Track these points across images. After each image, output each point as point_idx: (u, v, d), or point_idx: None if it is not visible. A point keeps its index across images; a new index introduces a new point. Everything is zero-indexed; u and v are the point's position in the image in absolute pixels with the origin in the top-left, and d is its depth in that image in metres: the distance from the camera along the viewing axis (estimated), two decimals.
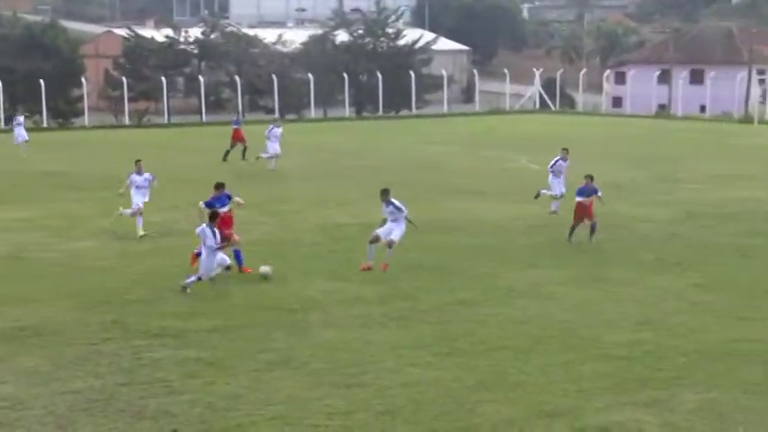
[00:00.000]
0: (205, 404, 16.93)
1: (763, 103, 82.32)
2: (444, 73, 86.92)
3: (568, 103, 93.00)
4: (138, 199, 32.00)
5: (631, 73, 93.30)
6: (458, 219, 34.78)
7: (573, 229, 30.64)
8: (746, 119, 78.03)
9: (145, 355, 19.65)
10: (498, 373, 18.59)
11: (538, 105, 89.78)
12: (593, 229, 30.36)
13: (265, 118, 79.41)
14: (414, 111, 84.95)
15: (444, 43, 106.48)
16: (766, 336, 21.04)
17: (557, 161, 36.11)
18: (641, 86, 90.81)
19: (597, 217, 30.40)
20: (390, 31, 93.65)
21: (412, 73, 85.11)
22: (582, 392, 17.56)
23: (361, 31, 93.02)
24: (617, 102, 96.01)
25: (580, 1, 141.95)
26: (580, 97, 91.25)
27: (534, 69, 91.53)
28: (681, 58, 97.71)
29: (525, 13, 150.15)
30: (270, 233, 32.36)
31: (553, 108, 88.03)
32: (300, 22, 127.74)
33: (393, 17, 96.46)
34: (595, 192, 30.50)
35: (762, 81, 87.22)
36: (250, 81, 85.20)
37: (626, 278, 26.34)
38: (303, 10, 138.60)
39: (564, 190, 35.31)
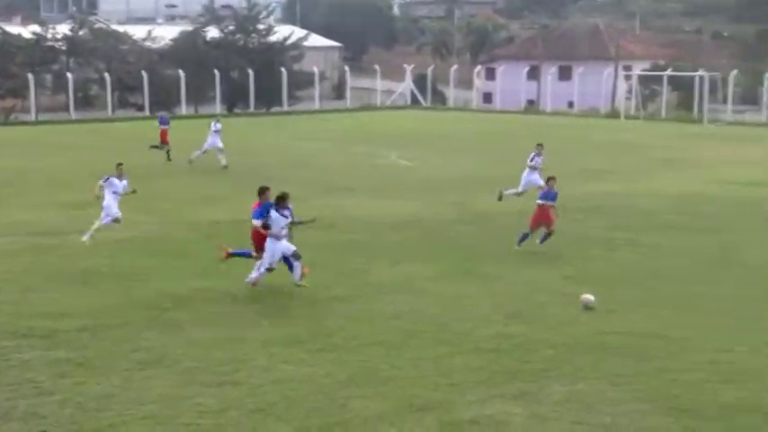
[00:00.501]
0: (75, 405, 16.68)
1: (629, 98, 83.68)
2: (316, 69, 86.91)
3: (439, 99, 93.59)
4: (115, 206, 30.03)
5: (501, 69, 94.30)
6: (330, 215, 34.74)
7: (526, 236, 29.25)
8: (613, 114, 79.31)
9: (13, 356, 19.30)
10: (370, 368, 18.64)
11: (409, 101, 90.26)
12: (548, 236, 29.10)
13: (137, 115, 78.87)
14: (285, 107, 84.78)
15: (316, 40, 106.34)
16: (633, 328, 21.40)
17: (533, 157, 36.12)
18: (511, 82, 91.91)
19: (555, 224, 29.18)
20: (261, 27, 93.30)
21: (283, 69, 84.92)
22: (453, 386, 17.68)
23: (231, 28, 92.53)
24: (487, 97, 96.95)
25: None
26: (451, 93, 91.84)
27: (405, 66, 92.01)
28: (549, 55, 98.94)
29: (396, 10, 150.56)
30: (145, 231, 32.02)
31: (424, 104, 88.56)
32: (171, 19, 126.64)
33: (264, 13, 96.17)
34: (554, 198, 29.14)
35: (628, 77, 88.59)
36: (119, 78, 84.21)
37: (497, 272, 26.60)
38: (173, 6, 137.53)
39: (527, 188, 35.27)
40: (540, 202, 29.18)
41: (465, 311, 22.67)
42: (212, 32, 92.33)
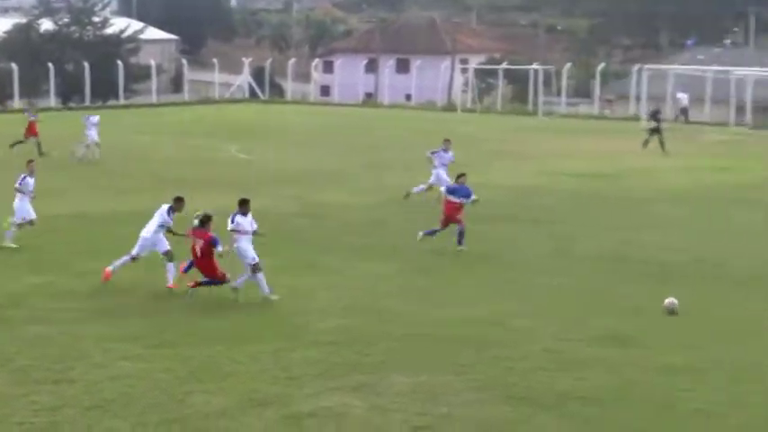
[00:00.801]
0: None
1: (465, 91, 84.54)
2: (153, 62, 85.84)
3: (278, 92, 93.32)
4: (28, 207, 29.06)
5: (339, 62, 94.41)
6: None
7: (435, 231, 28.78)
8: (450, 107, 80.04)
9: None
10: (209, 363, 18.50)
11: (247, 94, 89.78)
12: (461, 235, 28.16)
13: None
14: (122, 101, 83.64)
15: (152, 33, 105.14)
16: (475, 318, 21.65)
17: (437, 152, 36.05)
18: (349, 75, 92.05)
19: (463, 223, 28.38)
20: (97, 20, 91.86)
21: (120, 62, 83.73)
22: (292, 379, 17.66)
23: (66, 20, 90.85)
24: (325, 90, 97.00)
25: None
26: (289, 86, 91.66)
27: (243, 59, 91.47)
28: (387, 48, 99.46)
29: (234, 2, 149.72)
30: None
31: (262, 97, 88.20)
32: (4, 11, 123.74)
33: (99, 5, 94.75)
34: (469, 195, 28.34)
35: (464, 70, 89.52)
36: None
37: (336, 265, 26.66)
38: None
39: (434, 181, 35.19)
40: (449, 197, 28.77)
41: (304, 304, 22.69)
42: (46, 25, 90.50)
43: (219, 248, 23.09)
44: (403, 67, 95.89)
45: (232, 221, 23.78)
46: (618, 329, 20.97)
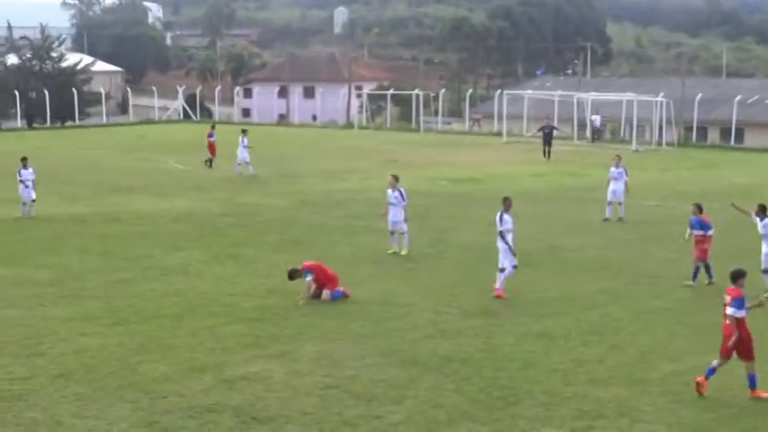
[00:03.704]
0: None
1: (360, 112, 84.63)
2: (102, 90, 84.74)
3: (207, 114, 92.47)
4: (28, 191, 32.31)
5: (256, 89, 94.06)
6: (119, 211, 34.08)
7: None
8: (348, 125, 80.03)
9: None
10: (156, 337, 18.36)
11: (182, 116, 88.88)
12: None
13: None
14: (77, 122, 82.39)
15: (101, 65, 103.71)
16: (369, 297, 21.72)
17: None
18: (265, 100, 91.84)
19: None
20: (54, 54, 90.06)
21: (75, 90, 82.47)
22: (225, 350, 17.59)
23: (29, 55, 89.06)
24: (246, 112, 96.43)
25: (213, 30, 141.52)
26: (216, 109, 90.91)
27: (178, 87, 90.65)
28: (296, 77, 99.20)
29: (168, 40, 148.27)
30: None
31: (194, 118, 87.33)
32: None
33: (56, 43, 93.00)
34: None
35: (359, 95, 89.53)
36: None
37: (256, 256, 26.56)
38: None
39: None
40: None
41: (232, 288, 22.57)
42: (12, 59, 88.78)
43: None
44: (309, 93, 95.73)
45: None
46: (486, 304, 21.18)
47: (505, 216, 22.15)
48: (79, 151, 57.05)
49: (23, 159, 33.01)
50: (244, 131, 46.24)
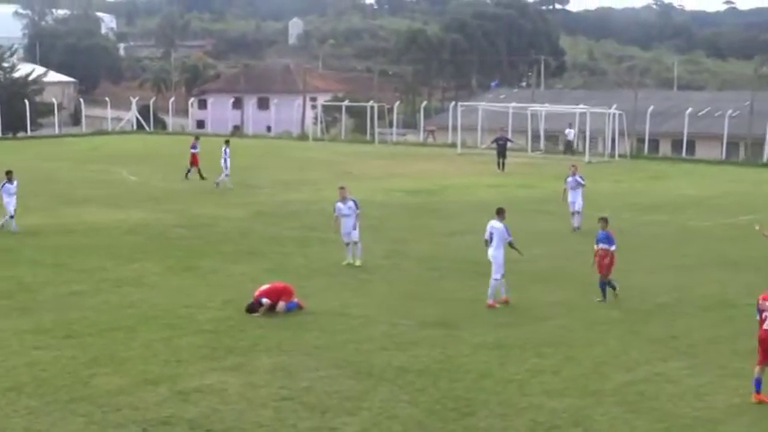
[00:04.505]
0: None
1: (315, 124, 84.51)
2: (55, 101, 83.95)
3: (161, 125, 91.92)
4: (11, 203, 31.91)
5: (211, 100, 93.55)
6: (73, 223, 33.76)
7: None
8: (303, 137, 79.88)
9: None
10: (109, 350, 18.21)
11: (135, 127, 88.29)
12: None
13: None
14: (29, 133, 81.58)
15: (54, 76, 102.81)
16: (323, 308, 21.67)
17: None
18: (219, 111, 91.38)
19: None
20: (6, 65, 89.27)
21: (27, 101, 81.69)
22: (180, 362, 17.49)
23: None
24: (200, 123, 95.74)
25: (167, 41, 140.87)
26: (170, 120, 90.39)
27: (131, 98, 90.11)
28: (250, 88, 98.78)
29: (122, 51, 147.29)
30: None
31: (148, 129, 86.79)
32: None
33: (8, 53, 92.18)
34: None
35: (314, 107, 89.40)
36: None
37: (212, 267, 26.44)
38: None
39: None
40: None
41: (187, 300, 22.43)
42: None
43: None
44: (264, 104, 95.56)
45: None
46: (441, 315, 21.22)
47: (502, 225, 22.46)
48: (32, 162, 56.38)
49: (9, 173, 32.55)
50: (227, 142, 46.04)
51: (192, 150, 47.84)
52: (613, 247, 22.66)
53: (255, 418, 14.73)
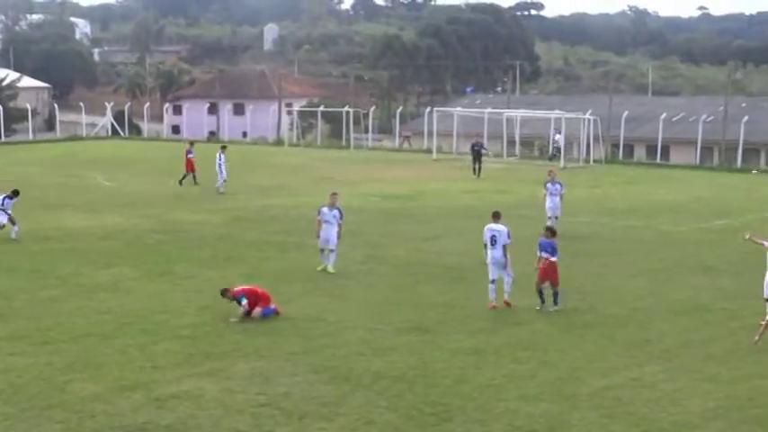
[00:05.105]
0: None
1: (291, 129, 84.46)
2: (29, 106, 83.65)
3: (136, 131, 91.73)
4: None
5: (186, 106, 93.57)
6: (48, 228, 33.57)
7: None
8: (279, 142, 79.84)
9: None
10: (85, 356, 18.13)
11: (110, 133, 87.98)
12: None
13: None
14: (3, 138, 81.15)
15: (28, 81, 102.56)
16: (301, 314, 21.65)
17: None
18: (194, 116, 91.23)
19: None
20: None
21: (0, 107, 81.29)
22: (156, 368, 17.44)
23: None
24: (175, 129, 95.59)
25: (142, 46, 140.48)
26: (145, 126, 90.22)
27: (106, 103, 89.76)
28: (225, 94, 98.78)
29: (96, 56, 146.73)
30: None
31: (123, 135, 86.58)
32: None
33: None
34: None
35: (289, 112, 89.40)
36: None
37: (188, 272, 26.37)
38: None
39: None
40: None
41: (163, 305, 22.37)
42: None
43: None
44: (239, 109, 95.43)
45: None
46: (418, 321, 21.23)
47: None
48: (6, 168, 56.13)
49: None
50: (223, 148, 45.92)
51: (189, 156, 47.72)
52: (555, 258, 22.39)
53: (233, 424, 14.71)
